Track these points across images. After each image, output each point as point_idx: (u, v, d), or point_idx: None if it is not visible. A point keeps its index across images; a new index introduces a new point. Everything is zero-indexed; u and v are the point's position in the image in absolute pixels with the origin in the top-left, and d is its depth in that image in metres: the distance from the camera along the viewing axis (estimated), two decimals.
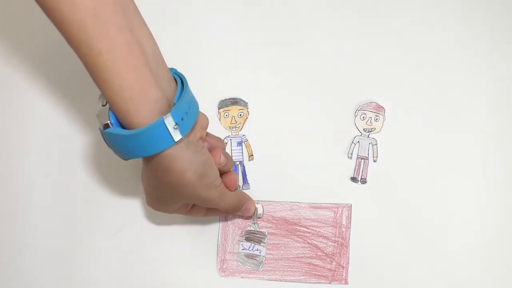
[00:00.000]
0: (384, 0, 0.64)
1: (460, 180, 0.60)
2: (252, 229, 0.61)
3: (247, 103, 0.63)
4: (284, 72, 0.63)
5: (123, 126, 0.46)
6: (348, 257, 0.60)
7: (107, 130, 0.46)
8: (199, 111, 0.51)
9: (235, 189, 0.57)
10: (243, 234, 0.61)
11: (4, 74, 0.65)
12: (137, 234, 0.62)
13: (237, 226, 0.61)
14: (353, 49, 0.63)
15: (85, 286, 0.62)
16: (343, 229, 0.60)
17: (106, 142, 0.49)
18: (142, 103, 0.45)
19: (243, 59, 0.64)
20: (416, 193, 0.60)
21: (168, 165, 0.47)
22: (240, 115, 0.63)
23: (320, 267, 0.60)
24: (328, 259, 0.60)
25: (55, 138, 0.64)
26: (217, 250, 0.61)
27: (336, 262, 0.60)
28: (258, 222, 0.61)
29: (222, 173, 0.54)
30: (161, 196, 0.53)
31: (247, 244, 0.61)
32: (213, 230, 0.62)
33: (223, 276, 0.61)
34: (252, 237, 0.61)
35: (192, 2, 0.65)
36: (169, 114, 0.45)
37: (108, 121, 0.46)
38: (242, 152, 0.63)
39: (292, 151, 0.62)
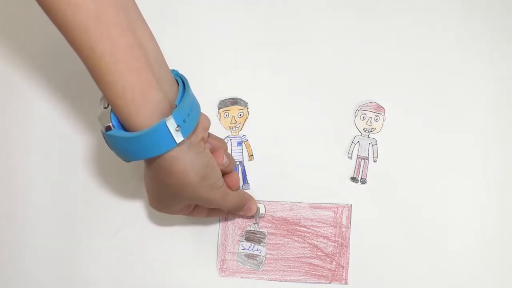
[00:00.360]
0: (384, 0, 0.64)
1: (460, 180, 0.60)
2: (252, 229, 0.61)
3: (247, 103, 0.63)
4: (284, 72, 0.63)
5: (125, 129, 0.46)
6: (348, 257, 0.60)
7: (109, 132, 0.46)
8: (201, 113, 0.51)
9: (237, 189, 0.57)
10: (243, 234, 0.61)
11: (4, 74, 0.65)
12: (137, 234, 0.62)
13: (237, 226, 0.61)
14: (353, 49, 0.63)
15: (85, 286, 0.62)
16: (343, 229, 0.60)
17: (108, 145, 0.48)
18: (144, 105, 0.45)
19: (243, 59, 0.64)
20: (416, 193, 0.60)
21: (170, 167, 0.47)
22: (240, 115, 0.63)
23: (320, 267, 0.60)
24: (328, 259, 0.60)
25: (55, 138, 0.64)
26: (217, 250, 0.61)
27: (336, 262, 0.60)
28: (258, 222, 0.61)
29: (224, 173, 0.54)
30: (164, 198, 0.53)
31: (247, 244, 0.61)
32: (213, 230, 0.62)
33: (223, 276, 0.61)
34: (252, 237, 0.61)
35: (192, 2, 0.65)
36: (171, 116, 0.45)
37: (110, 124, 0.46)
38: (242, 152, 0.63)
39: (292, 151, 0.62)
